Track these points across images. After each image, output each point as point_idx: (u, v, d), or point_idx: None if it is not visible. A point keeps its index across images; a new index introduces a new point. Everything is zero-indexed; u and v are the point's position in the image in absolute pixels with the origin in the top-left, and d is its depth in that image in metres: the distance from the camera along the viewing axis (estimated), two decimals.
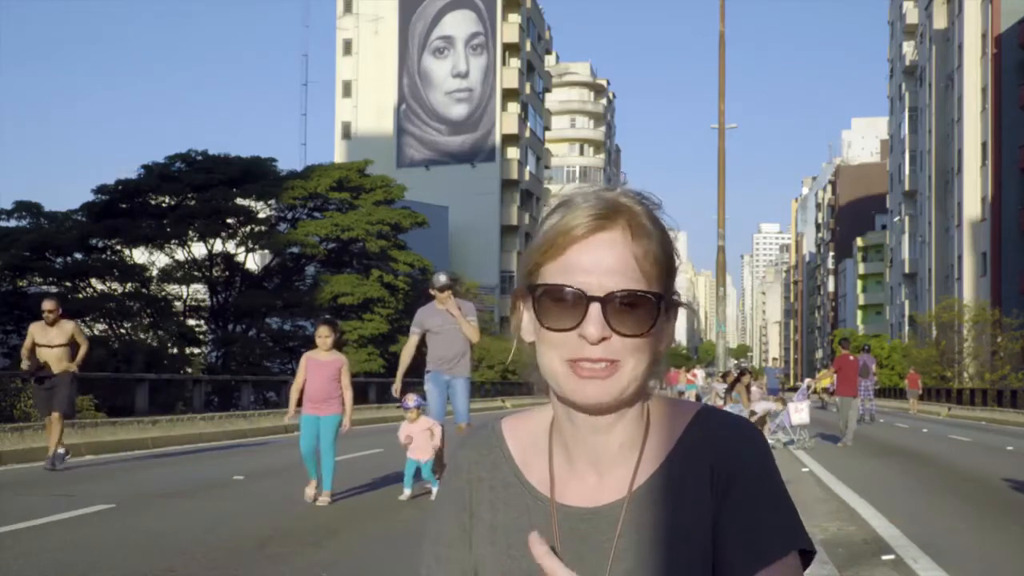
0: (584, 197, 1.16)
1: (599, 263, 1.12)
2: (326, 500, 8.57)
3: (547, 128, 77.40)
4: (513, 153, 66.34)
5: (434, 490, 8.62)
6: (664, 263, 1.15)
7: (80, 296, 35.48)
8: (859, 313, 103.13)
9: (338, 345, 8.92)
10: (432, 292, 9.39)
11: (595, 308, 1.11)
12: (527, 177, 67.08)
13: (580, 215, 1.14)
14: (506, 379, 47.03)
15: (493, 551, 1.21)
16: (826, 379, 26.21)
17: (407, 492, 8.91)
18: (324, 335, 8.75)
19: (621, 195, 1.17)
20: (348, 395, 8.76)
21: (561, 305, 1.13)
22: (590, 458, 1.19)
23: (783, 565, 1.13)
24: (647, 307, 1.12)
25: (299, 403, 8.80)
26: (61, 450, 11.35)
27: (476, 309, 9.69)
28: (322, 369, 8.68)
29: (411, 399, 8.91)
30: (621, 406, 1.16)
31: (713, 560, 1.14)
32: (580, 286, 1.12)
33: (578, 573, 1.14)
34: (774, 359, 58.94)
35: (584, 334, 1.11)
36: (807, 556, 1.16)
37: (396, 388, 9.51)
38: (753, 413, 18.24)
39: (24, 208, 35.79)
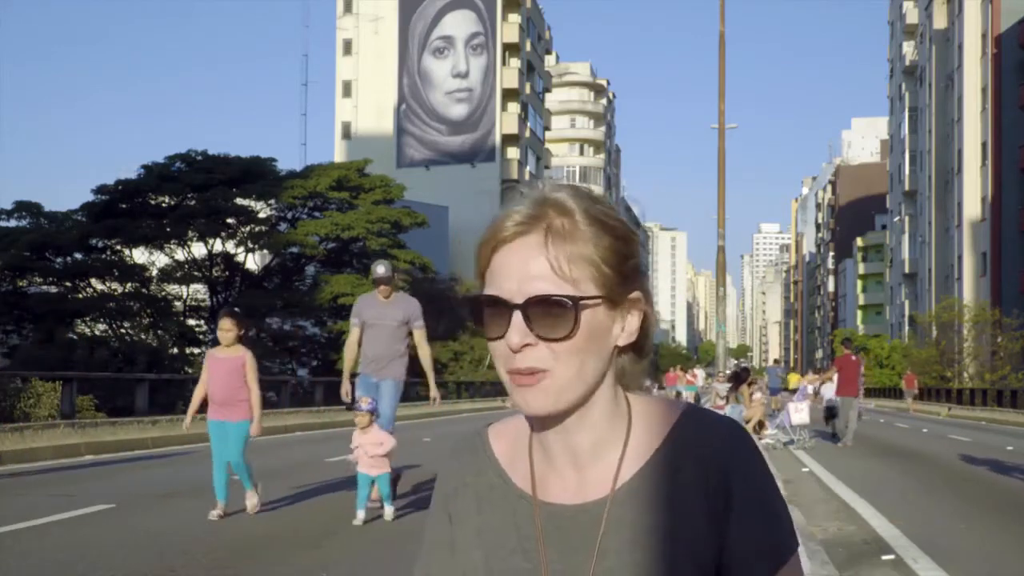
0: (520, 200, 1.15)
1: (520, 269, 1.11)
2: (255, 504, 7.79)
3: (547, 128, 77.41)
4: (513, 153, 66.36)
5: (388, 509, 7.65)
6: (603, 262, 1.12)
7: (80, 296, 35.50)
8: (859, 313, 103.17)
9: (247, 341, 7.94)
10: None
11: (516, 315, 1.10)
12: (527, 177, 67.06)
13: (506, 220, 1.14)
14: None
15: (480, 553, 1.21)
16: (794, 378, 26.56)
17: (360, 515, 7.46)
18: (226, 328, 7.69)
19: (555, 194, 1.15)
20: (254, 395, 7.74)
21: (491, 314, 1.13)
22: (566, 456, 1.19)
23: (791, 566, 1.16)
24: (567, 312, 1.10)
25: (203, 410, 7.86)
26: None
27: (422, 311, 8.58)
28: (222, 366, 7.68)
29: (365, 402, 7.61)
30: (569, 411, 1.14)
31: (718, 567, 1.15)
32: (503, 294, 1.11)
33: (562, 571, 1.16)
34: (775, 360, 58.84)
35: (508, 342, 1.11)
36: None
37: (344, 391, 8.43)
38: (759, 421, 18.26)
39: (24, 208, 35.80)
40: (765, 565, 1.14)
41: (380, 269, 8.37)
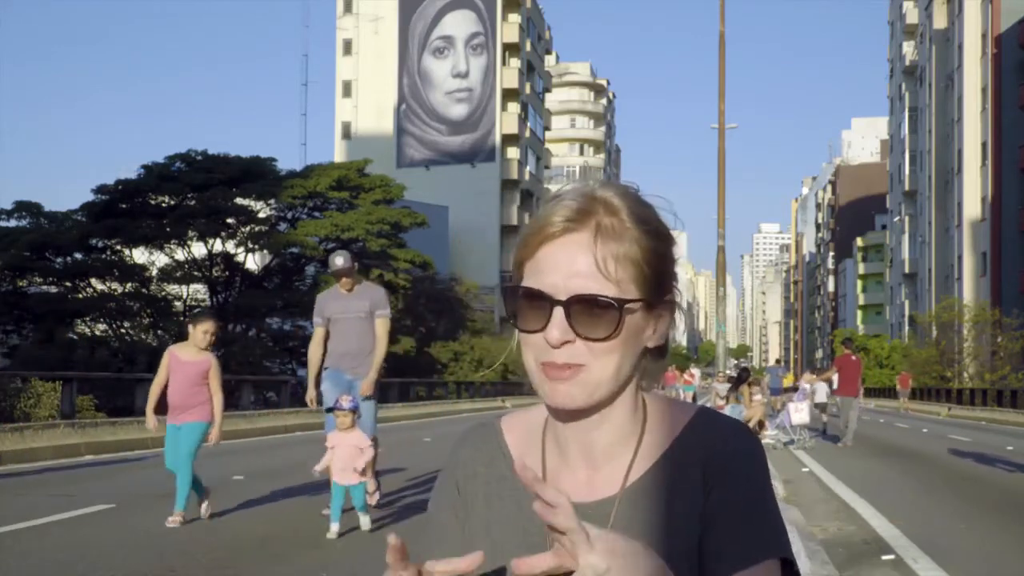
0: (569, 194, 1.15)
1: (566, 265, 1.11)
2: (177, 522, 7.17)
3: (547, 128, 77.41)
4: (513, 153, 66.35)
5: (364, 519, 6.99)
6: (645, 263, 1.13)
7: (80, 296, 35.50)
8: (859, 313, 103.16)
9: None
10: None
11: (558, 311, 1.10)
12: (527, 177, 67.10)
13: (555, 214, 1.13)
14: (506, 379, 47.01)
15: (487, 544, 1.21)
16: (787, 379, 26.76)
17: (335, 528, 6.80)
18: (210, 330, 7.40)
19: (604, 192, 1.14)
20: (218, 400, 7.41)
21: (530, 306, 1.12)
22: (581, 453, 1.19)
23: (763, 568, 1.11)
24: (610, 312, 1.10)
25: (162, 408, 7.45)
26: None
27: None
28: (186, 369, 7.32)
29: (346, 400, 6.93)
30: (596, 407, 1.15)
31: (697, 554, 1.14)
32: (546, 288, 1.11)
33: (569, 567, 1.15)
34: (776, 360, 59.06)
35: (547, 337, 1.11)
36: (789, 569, 1.14)
37: (310, 396, 7.96)
38: (760, 421, 18.24)
39: (24, 208, 35.78)
40: (725, 567, 1.11)
41: (339, 260, 7.76)
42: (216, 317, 7.74)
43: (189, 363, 7.33)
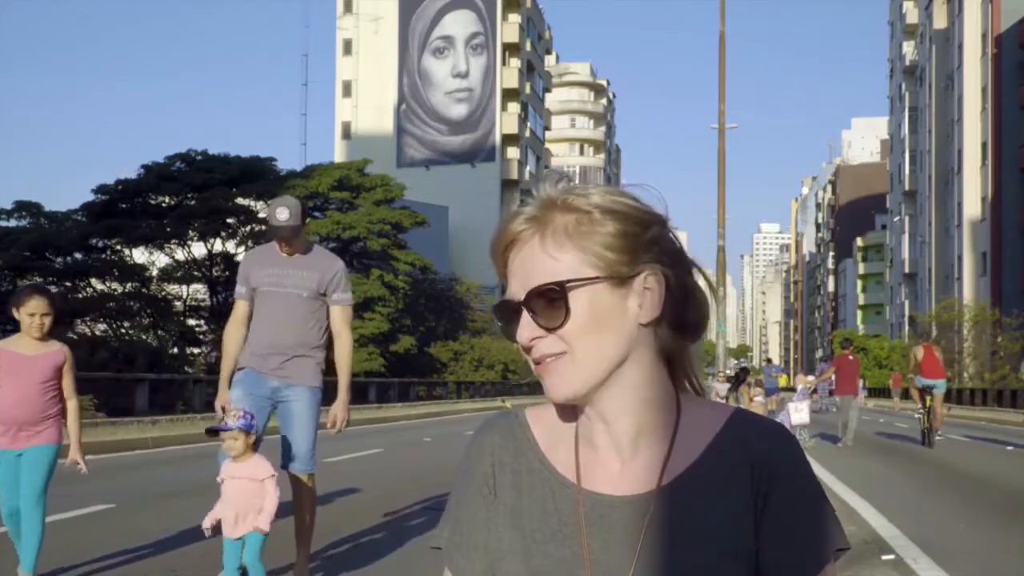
0: (525, 204, 1.20)
1: (521, 268, 1.16)
2: None
3: (547, 128, 77.42)
4: (513, 153, 66.36)
5: None
6: (605, 248, 1.14)
7: (80, 296, 35.49)
8: (859, 313, 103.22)
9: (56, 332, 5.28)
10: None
11: (524, 313, 1.15)
12: (527, 177, 67.09)
13: (507, 223, 1.19)
14: (506, 379, 47.00)
15: (516, 535, 1.20)
16: (781, 380, 27.00)
17: None
18: (41, 310, 4.96)
19: (550, 192, 1.19)
20: (72, 407, 5.16)
21: (509, 317, 1.17)
22: (610, 445, 1.19)
23: (832, 564, 1.17)
24: (557, 297, 1.13)
25: None
26: None
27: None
28: (30, 367, 4.99)
29: (234, 416, 4.78)
30: (593, 393, 1.16)
31: (754, 568, 1.15)
32: (511, 295, 1.17)
33: (604, 561, 1.16)
34: (768, 360, 59.21)
35: (518, 339, 1.15)
36: (839, 551, 1.19)
37: (221, 400, 5.33)
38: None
39: (24, 208, 35.79)
40: (800, 570, 1.15)
41: (281, 214, 5.14)
42: (46, 292, 5.18)
43: (32, 358, 5.00)
